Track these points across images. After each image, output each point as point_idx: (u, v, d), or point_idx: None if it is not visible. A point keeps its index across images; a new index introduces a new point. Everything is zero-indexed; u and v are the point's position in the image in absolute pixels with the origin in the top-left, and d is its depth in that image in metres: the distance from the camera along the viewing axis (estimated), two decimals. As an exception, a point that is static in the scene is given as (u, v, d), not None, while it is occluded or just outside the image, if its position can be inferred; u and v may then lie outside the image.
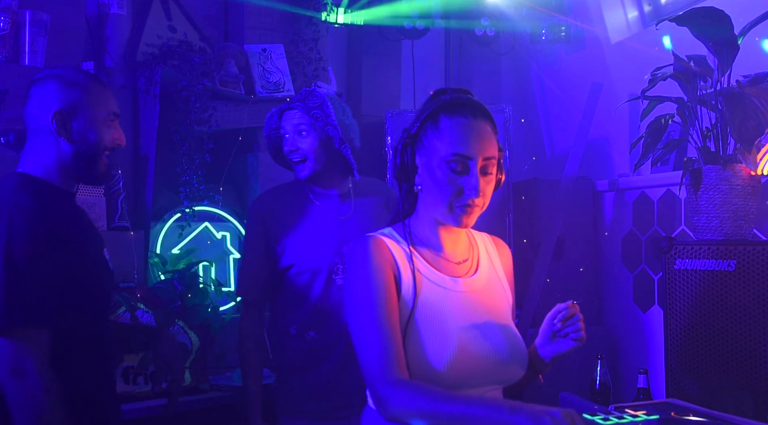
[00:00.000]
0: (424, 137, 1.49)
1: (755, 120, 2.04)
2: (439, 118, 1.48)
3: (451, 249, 1.57)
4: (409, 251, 1.51)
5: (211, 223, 3.10)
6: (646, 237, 3.09)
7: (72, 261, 1.66)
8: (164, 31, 3.04)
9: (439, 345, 1.42)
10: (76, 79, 1.74)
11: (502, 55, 3.90)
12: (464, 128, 1.45)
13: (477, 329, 1.47)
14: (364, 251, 1.48)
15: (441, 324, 1.45)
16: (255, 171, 3.20)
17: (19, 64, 2.59)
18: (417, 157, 1.51)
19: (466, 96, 1.52)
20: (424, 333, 1.43)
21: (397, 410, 1.34)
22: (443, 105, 1.48)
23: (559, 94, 3.73)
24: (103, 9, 2.95)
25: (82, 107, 1.71)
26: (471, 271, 1.57)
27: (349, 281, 1.50)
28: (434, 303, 1.47)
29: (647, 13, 3.39)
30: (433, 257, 1.54)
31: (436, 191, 1.47)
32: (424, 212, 1.55)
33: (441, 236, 1.55)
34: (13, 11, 2.58)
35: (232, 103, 3.14)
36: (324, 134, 2.15)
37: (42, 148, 1.73)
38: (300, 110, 2.15)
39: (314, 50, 3.38)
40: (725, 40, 2.12)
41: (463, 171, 1.45)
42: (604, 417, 1.42)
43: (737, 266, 2.02)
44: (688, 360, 2.14)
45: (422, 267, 1.51)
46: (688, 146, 2.48)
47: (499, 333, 1.50)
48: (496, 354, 1.47)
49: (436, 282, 1.51)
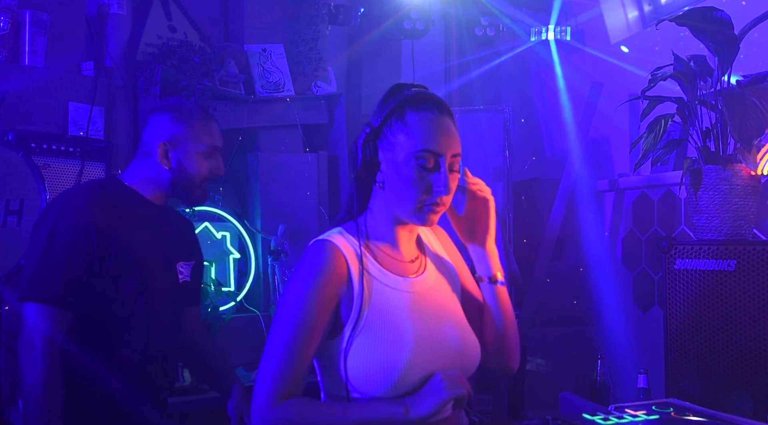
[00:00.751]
0: (388, 132, 1.42)
1: (755, 120, 2.03)
2: (405, 112, 1.41)
3: (405, 247, 1.50)
4: (360, 253, 1.43)
5: (211, 223, 3.10)
6: (646, 237, 3.09)
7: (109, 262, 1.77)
8: (164, 31, 3.04)
9: (394, 347, 1.37)
10: (185, 114, 1.91)
11: (502, 55, 3.90)
12: (432, 123, 1.40)
13: (428, 328, 1.42)
14: (316, 260, 1.40)
15: (394, 326, 1.39)
16: (255, 171, 3.20)
17: (19, 64, 2.60)
18: (380, 152, 1.43)
19: (429, 91, 1.47)
20: (377, 335, 1.38)
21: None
22: (408, 99, 1.42)
23: (559, 94, 3.74)
24: (103, 9, 2.95)
25: (184, 141, 1.88)
26: (420, 270, 1.51)
27: (287, 287, 1.43)
28: (386, 306, 1.42)
29: (647, 13, 3.39)
30: (386, 258, 1.47)
31: (402, 188, 1.40)
32: (383, 209, 1.47)
33: (397, 235, 1.48)
34: (13, 11, 2.58)
35: (232, 103, 3.14)
36: None
37: (144, 167, 1.90)
38: None
39: (314, 50, 3.38)
40: (725, 40, 2.12)
41: (433, 168, 1.39)
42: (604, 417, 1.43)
43: (737, 266, 2.02)
44: (688, 360, 2.14)
45: (373, 269, 1.44)
46: (688, 146, 2.48)
47: (451, 330, 1.46)
48: (449, 351, 1.43)
49: (388, 284, 1.44)
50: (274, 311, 2.97)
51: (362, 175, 1.44)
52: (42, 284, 1.70)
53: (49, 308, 1.69)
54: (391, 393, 1.34)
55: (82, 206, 1.76)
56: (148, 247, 1.87)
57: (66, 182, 2.57)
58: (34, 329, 1.68)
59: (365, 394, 1.36)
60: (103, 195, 1.82)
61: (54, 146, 2.54)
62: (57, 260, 1.72)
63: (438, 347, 1.41)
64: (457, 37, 3.86)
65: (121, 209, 1.84)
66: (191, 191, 1.92)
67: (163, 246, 1.92)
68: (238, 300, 3.06)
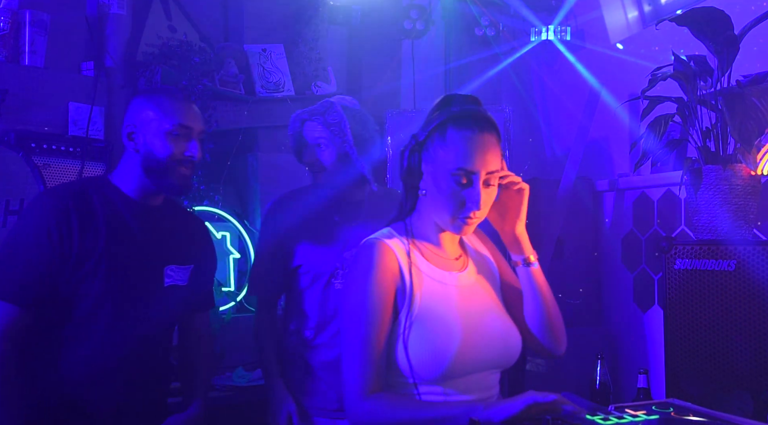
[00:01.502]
0: (431, 146, 1.53)
1: (755, 120, 2.03)
2: (447, 130, 1.51)
3: (449, 247, 1.64)
4: (408, 249, 1.57)
5: (211, 223, 3.10)
6: (646, 237, 3.09)
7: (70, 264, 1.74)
8: (164, 31, 3.04)
9: (443, 339, 1.49)
10: (154, 94, 1.85)
11: (502, 55, 3.90)
12: (470, 142, 1.49)
13: (475, 319, 1.56)
14: (370, 259, 1.54)
15: (444, 317, 1.52)
16: (255, 171, 3.20)
17: (19, 64, 2.60)
18: (423, 164, 1.55)
19: (474, 107, 1.55)
20: (428, 326, 1.50)
21: (367, 420, 1.47)
22: (451, 117, 1.52)
23: (559, 94, 3.73)
24: (103, 9, 2.95)
25: (150, 120, 1.81)
26: (464, 265, 1.65)
27: (348, 288, 1.57)
28: (435, 298, 1.55)
29: (647, 13, 3.39)
30: (432, 255, 1.61)
31: (439, 200, 1.53)
32: (426, 214, 1.60)
33: (440, 235, 1.62)
34: (13, 11, 2.58)
35: (232, 103, 3.14)
36: (342, 149, 2.18)
37: (122, 161, 1.87)
38: (319, 123, 2.19)
39: (314, 50, 3.38)
40: (725, 40, 2.12)
41: (466, 185, 1.50)
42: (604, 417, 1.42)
43: (737, 266, 2.02)
44: (688, 360, 2.14)
45: (422, 264, 1.58)
46: (688, 146, 2.48)
47: (494, 320, 1.59)
48: (495, 340, 1.56)
49: (436, 278, 1.58)
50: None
51: (407, 182, 1.58)
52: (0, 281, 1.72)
53: (5, 304, 1.70)
54: (442, 379, 1.49)
55: (47, 207, 1.75)
56: (125, 249, 1.81)
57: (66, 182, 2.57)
58: None
59: (418, 379, 1.49)
60: (76, 195, 1.78)
61: (54, 146, 2.54)
62: (18, 258, 1.72)
63: (483, 337, 1.54)
64: (457, 37, 3.86)
65: (96, 209, 1.78)
66: (163, 176, 1.82)
67: (145, 248, 1.85)
68: (238, 300, 3.05)
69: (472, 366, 1.52)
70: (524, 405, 1.34)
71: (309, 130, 2.22)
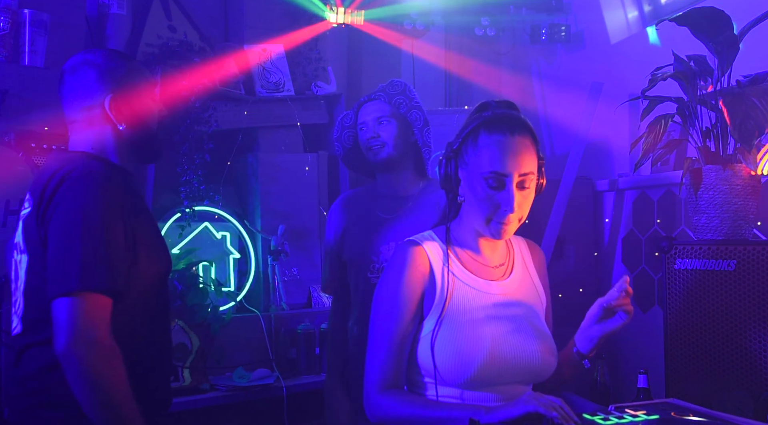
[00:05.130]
0: (465, 153, 1.56)
1: (755, 120, 2.03)
2: (479, 135, 1.53)
3: (489, 254, 1.64)
4: (446, 254, 1.59)
5: (211, 223, 3.10)
6: (646, 237, 3.09)
7: (138, 234, 1.62)
8: (164, 31, 3.04)
9: (471, 345, 1.50)
10: (113, 61, 1.73)
11: (502, 55, 3.90)
12: (501, 145, 1.51)
13: (508, 329, 1.55)
14: (403, 259, 1.57)
15: (472, 325, 1.53)
16: (255, 171, 3.20)
17: (19, 64, 2.60)
18: (459, 170, 1.58)
19: (507, 111, 1.57)
20: (455, 332, 1.51)
21: (380, 415, 1.52)
22: (484, 122, 1.54)
23: (559, 94, 3.73)
24: (103, 9, 2.95)
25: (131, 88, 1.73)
26: (506, 274, 1.65)
27: (381, 285, 1.60)
28: (465, 303, 1.55)
29: (647, 13, 3.39)
30: (470, 261, 1.62)
31: (475, 204, 1.55)
32: (466, 220, 1.62)
33: (480, 243, 1.63)
34: (13, 11, 2.58)
35: (232, 103, 3.14)
36: (404, 122, 2.22)
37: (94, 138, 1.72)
38: (382, 100, 2.24)
39: (314, 50, 3.38)
40: (725, 40, 2.12)
41: (499, 187, 1.51)
42: (604, 417, 1.42)
43: (737, 266, 2.02)
44: (688, 360, 2.14)
45: (457, 270, 1.59)
46: (688, 146, 2.48)
47: (530, 333, 1.57)
48: (526, 354, 1.54)
49: (470, 284, 1.58)
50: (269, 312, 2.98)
51: (446, 189, 1.61)
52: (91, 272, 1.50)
53: (100, 297, 1.50)
54: (465, 386, 1.51)
55: (106, 185, 1.59)
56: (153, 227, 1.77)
57: (66, 182, 2.56)
58: (97, 323, 1.48)
59: (440, 382, 1.52)
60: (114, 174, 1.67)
61: (54, 146, 2.54)
62: (110, 247, 1.52)
63: (514, 348, 1.53)
64: (457, 37, 3.86)
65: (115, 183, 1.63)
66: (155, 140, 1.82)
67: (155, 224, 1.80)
68: (238, 300, 3.06)
69: (498, 378, 1.52)
70: (524, 412, 1.36)
71: (367, 111, 2.27)
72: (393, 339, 1.53)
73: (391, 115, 2.22)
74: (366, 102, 2.28)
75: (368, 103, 2.27)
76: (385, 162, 2.22)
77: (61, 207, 1.54)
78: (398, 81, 2.28)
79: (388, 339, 1.53)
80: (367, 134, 2.24)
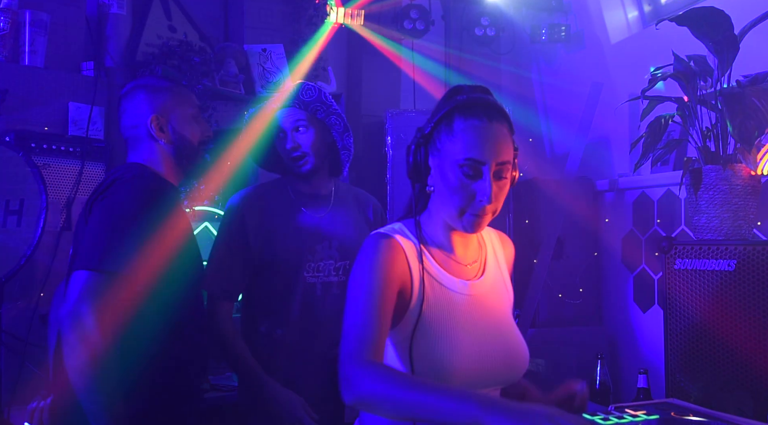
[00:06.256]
0: (437, 138, 1.44)
1: (755, 120, 2.03)
2: (453, 119, 1.42)
3: (461, 251, 1.53)
4: (419, 250, 1.46)
5: (211, 223, 3.10)
6: (646, 237, 3.09)
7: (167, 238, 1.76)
8: (164, 31, 3.04)
9: (447, 348, 1.40)
10: (159, 85, 1.92)
11: (502, 55, 3.90)
12: (478, 131, 1.39)
13: (482, 332, 1.46)
14: (374, 249, 1.42)
15: (448, 327, 1.42)
16: (255, 171, 3.20)
17: (19, 64, 2.60)
18: (430, 158, 1.46)
19: (482, 96, 1.46)
20: (432, 334, 1.41)
21: (360, 390, 1.27)
22: (458, 106, 1.42)
23: (559, 94, 3.73)
24: (103, 9, 2.95)
25: (173, 108, 1.91)
26: (479, 273, 1.54)
27: (352, 275, 1.44)
28: (442, 306, 1.44)
29: (647, 13, 3.39)
30: (443, 259, 1.50)
31: (447, 194, 1.42)
32: (436, 212, 1.50)
33: (452, 238, 1.51)
34: (13, 11, 2.58)
35: (232, 103, 3.14)
36: (322, 127, 2.19)
37: (145, 153, 1.90)
38: (296, 107, 2.17)
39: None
40: (725, 40, 2.12)
41: (475, 176, 1.39)
42: (604, 417, 1.42)
43: (737, 266, 2.02)
44: (688, 360, 2.14)
45: (432, 269, 1.47)
46: (688, 146, 2.48)
47: (503, 335, 1.49)
48: (500, 356, 1.46)
49: (445, 285, 1.47)
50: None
51: (414, 178, 1.48)
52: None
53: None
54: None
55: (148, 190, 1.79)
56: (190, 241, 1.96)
57: (66, 182, 2.57)
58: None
59: None
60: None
61: (54, 146, 2.54)
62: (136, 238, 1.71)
63: (490, 353, 1.44)
64: (457, 37, 3.86)
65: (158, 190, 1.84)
66: (194, 157, 1.97)
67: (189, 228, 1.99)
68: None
69: (476, 383, 1.41)
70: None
71: (284, 118, 2.20)
72: (372, 310, 1.35)
73: (308, 121, 2.17)
74: (280, 109, 2.19)
75: (282, 110, 2.19)
76: (310, 173, 2.20)
77: (106, 200, 1.72)
78: (310, 85, 2.17)
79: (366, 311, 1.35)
80: (287, 143, 2.18)
